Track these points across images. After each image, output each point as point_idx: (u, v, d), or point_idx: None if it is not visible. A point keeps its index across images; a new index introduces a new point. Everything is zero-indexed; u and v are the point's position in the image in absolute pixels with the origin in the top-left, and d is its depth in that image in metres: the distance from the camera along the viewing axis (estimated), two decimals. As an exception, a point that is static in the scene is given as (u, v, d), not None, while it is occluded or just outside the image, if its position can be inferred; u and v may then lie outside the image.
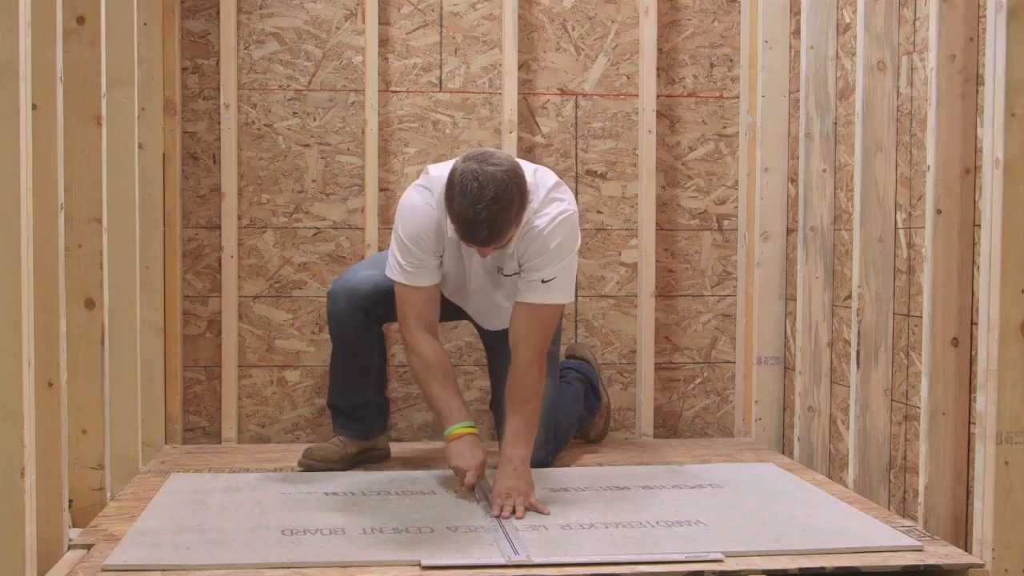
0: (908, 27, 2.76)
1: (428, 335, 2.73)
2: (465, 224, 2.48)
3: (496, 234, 2.49)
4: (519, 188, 2.50)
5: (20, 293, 1.88)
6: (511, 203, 2.48)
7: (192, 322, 3.44)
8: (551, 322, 2.69)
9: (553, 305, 2.68)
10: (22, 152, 1.88)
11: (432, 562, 2.13)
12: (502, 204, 2.45)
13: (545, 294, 2.65)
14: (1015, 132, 2.12)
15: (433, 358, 2.71)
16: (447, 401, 2.70)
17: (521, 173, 2.54)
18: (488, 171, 2.46)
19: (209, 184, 3.42)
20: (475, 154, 2.54)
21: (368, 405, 3.04)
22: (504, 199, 2.46)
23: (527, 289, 2.66)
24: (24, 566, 1.89)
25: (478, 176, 2.45)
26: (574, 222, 2.68)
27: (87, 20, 2.45)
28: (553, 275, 2.64)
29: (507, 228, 2.51)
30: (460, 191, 2.46)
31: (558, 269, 2.64)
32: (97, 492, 2.56)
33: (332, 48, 3.45)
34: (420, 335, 2.72)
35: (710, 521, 2.45)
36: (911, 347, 2.73)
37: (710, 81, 3.58)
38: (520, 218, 2.55)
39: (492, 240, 2.51)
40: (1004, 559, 2.17)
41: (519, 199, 2.50)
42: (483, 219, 2.45)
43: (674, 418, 3.62)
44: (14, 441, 1.88)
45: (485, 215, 2.44)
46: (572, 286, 2.73)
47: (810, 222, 3.16)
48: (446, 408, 2.70)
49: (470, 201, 2.44)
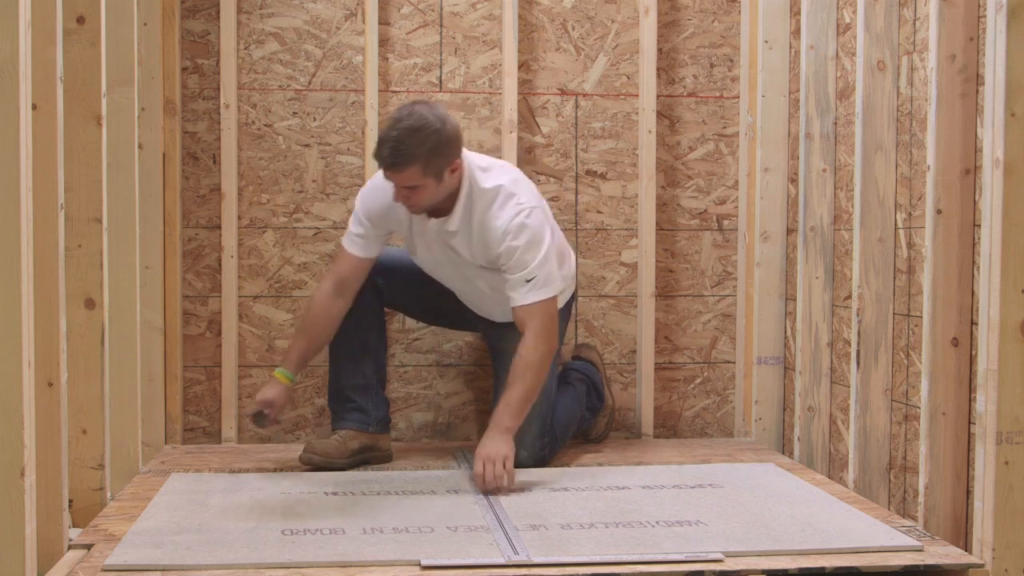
0: (908, 27, 2.76)
1: (331, 288, 2.96)
2: (378, 142, 2.71)
3: (397, 158, 2.65)
4: (439, 135, 2.68)
5: (20, 293, 1.88)
6: (423, 140, 2.65)
7: (192, 322, 3.44)
8: (551, 312, 2.80)
9: (545, 300, 2.78)
10: (22, 152, 1.88)
11: (432, 562, 2.13)
12: (413, 134, 2.65)
13: (533, 293, 2.77)
14: (1015, 132, 2.12)
15: (315, 307, 2.98)
16: (290, 346, 3.04)
17: (451, 128, 2.71)
18: (420, 109, 2.70)
19: (209, 184, 3.42)
20: (427, 101, 2.83)
21: (368, 389, 3.06)
22: (419, 132, 2.65)
23: (517, 292, 2.78)
24: (24, 566, 1.89)
25: (411, 108, 2.71)
26: (536, 218, 2.79)
27: (87, 20, 2.45)
28: (533, 274, 2.76)
29: (410, 159, 2.65)
30: (390, 116, 2.74)
31: (535, 266, 2.76)
32: (97, 492, 2.56)
33: (332, 48, 3.45)
34: (325, 284, 2.98)
35: (710, 521, 2.45)
36: (911, 347, 2.73)
37: (710, 81, 3.58)
38: (431, 165, 2.68)
39: (393, 162, 2.67)
40: (1004, 559, 2.17)
41: (434, 142, 2.67)
42: (391, 137, 2.66)
43: (674, 418, 3.62)
44: (14, 441, 1.88)
45: (394, 135, 2.66)
46: (555, 275, 2.82)
47: (810, 222, 3.16)
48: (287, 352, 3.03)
49: (390, 122, 2.70)
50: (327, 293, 2.97)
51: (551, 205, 3.52)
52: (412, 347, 3.51)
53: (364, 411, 3.05)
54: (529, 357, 2.76)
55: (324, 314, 2.98)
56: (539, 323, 2.77)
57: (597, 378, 3.35)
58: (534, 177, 3.52)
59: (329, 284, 2.97)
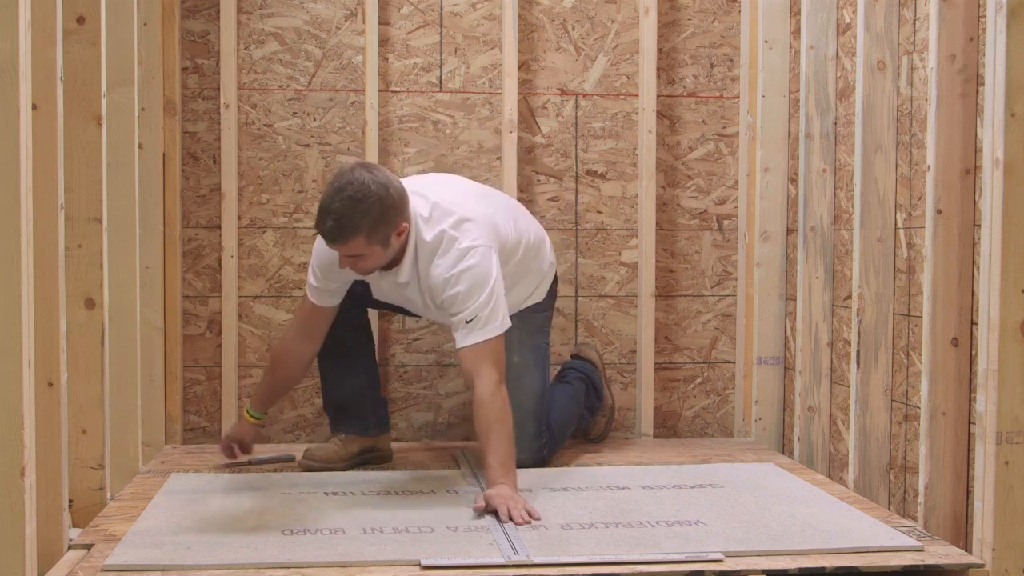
0: (908, 27, 2.76)
1: (296, 335, 2.93)
2: (319, 212, 2.58)
3: (341, 231, 2.55)
4: (382, 203, 2.56)
5: (20, 293, 1.88)
6: (366, 211, 2.54)
7: (192, 322, 3.44)
8: (496, 352, 2.64)
9: (488, 340, 2.63)
10: (22, 152, 1.88)
11: (432, 562, 2.13)
12: (355, 206, 2.53)
13: (476, 333, 2.63)
14: (1015, 132, 2.12)
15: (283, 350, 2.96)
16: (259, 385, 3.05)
17: (394, 194, 2.59)
18: (360, 176, 2.56)
19: (209, 184, 3.42)
20: (368, 164, 2.65)
21: (362, 396, 3.05)
22: (361, 203, 2.53)
23: (457, 333, 2.66)
24: (24, 566, 1.89)
25: (350, 176, 2.57)
26: (477, 257, 2.65)
27: (87, 20, 2.45)
28: (474, 315, 2.63)
29: (354, 231, 2.55)
30: (329, 183, 2.61)
31: (477, 308, 2.63)
32: (97, 492, 2.56)
33: (332, 48, 3.45)
34: (291, 330, 2.96)
35: (710, 521, 2.45)
36: (911, 347, 2.73)
37: (710, 81, 3.58)
38: (375, 234, 2.58)
39: (337, 235, 2.56)
40: (1004, 559, 2.17)
41: (377, 212, 2.55)
42: (332, 209, 2.54)
43: (674, 418, 3.62)
44: (14, 441, 1.88)
45: (336, 206, 2.54)
46: (500, 313, 2.66)
47: (810, 222, 3.16)
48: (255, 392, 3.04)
49: (330, 192, 2.57)
50: (294, 338, 2.94)
51: (551, 205, 3.53)
52: (412, 347, 3.51)
53: (361, 417, 3.06)
54: (491, 407, 2.58)
55: (292, 359, 2.96)
56: (486, 367, 2.61)
57: (596, 377, 3.34)
58: (534, 177, 3.52)
59: (295, 331, 2.95)
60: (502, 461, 2.56)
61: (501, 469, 2.55)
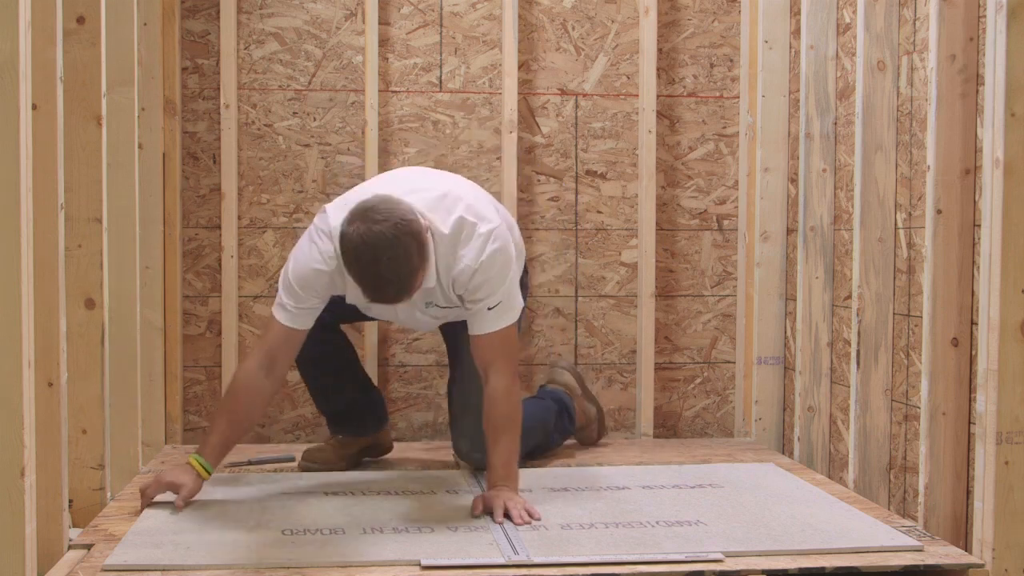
0: (908, 27, 2.76)
1: (258, 366, 2.60)
2: (372, 289, 2.39)
3: (404, 290, 2.40)
4: (413, 236, 2.38)
5: (20, 293, 1.88)
6: (409, 256, 2.37)
7: (192, 322, 3.44)
8: (511, 341, 2.60)
9: (508, 327, 2.58)
10: (22, 152, 1.88)
11: (432, 562, 2.13)
12: (400, 261, 2.35)
13: (496, 320, 2.56)
14: (1015, 132, 2.12)
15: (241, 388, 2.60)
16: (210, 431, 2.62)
17: (409, 219, 2.39)
18: (375, 231, 2.34)
19: (209, 184, 3.42)
20: (358, 213, 2.39)
21: (354, 405, 3.04)
22: (401, 256, 2.35)
23: (477, 321, 2.57)
24: (24, 566, 1.89)
25: (367, 239, 2.34)
26: (502, 244, 2.57)
27: (87, 20, 2.44)
28: (498, 300, 2.56)
29: (413, 280, 2.41)
30: (355, 259, 2.36)
31: (501, 294, 2.56)
32: (97, 492, 2.56)
33: (332, 48, 3.45)
34: (251, 362, 2.62)
35: (710, 521, 2.45)
36: (911, 347, 2.73)
37: (710, 81, 3.58)
38: (425, 262, 2.44)
39: (402, 296, 2.43)
40: (1004, 559, 2.17)
41: (417, 247, 2.39)
42: (386, 280, 2.36)
43: (674, 418, 3.62)
44: (14, 441, 1.88)
45: (387, 276, 2.36)
46: (517, 299, 2.62)
47: (810, 222, 3.16)
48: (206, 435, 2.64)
49: (368, 268, 2.35)
50: (254, 372, 2.59)
51: (551, 205, 3.53)
52: (412, 347, 3.51)
53: (357, 421, 3.04)
54: (504, 405, 2.53)
55: (250, 398, 2.60)
56: (502, 360, 2.55)
57: (570, 403, 3.25)
58: (534, 177, 3.52)
59: (256, 361, 2.60)
60: (505, 462, 2.53)
61: (503, 470, 2.52)
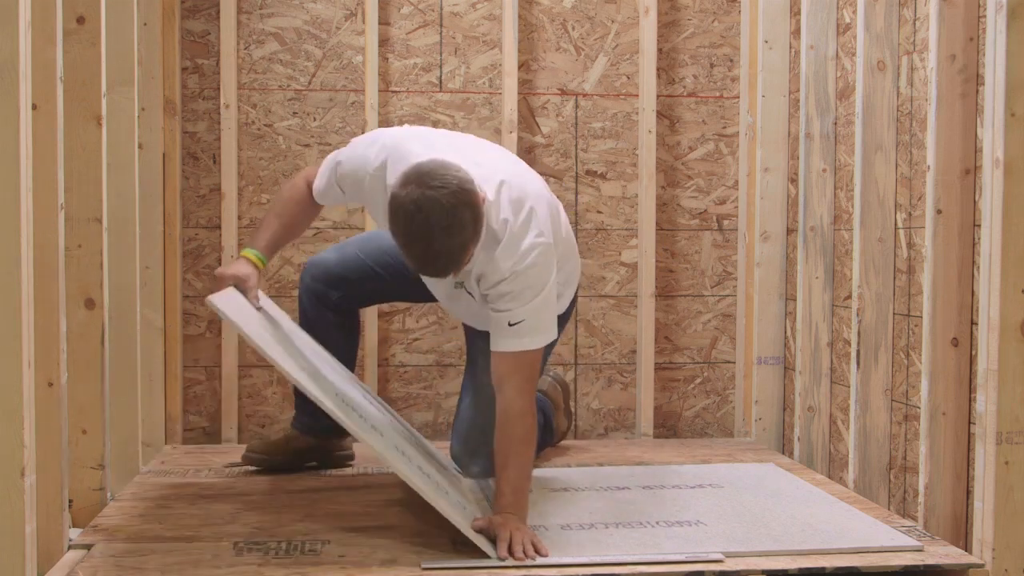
0: (908, 27, 2.76)
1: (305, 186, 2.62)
2: (418, 260, 2.22)
3: (454, 264, 2.24)
4: (470, 207, 2.20)
5: (20, 293, 1.88)
6: (463, 228, 2.19)
7: (192, 322, 3.44)
8: (533, 367, 2.36)
9: (528, 351, 2.34)
10: (22, 152, 1.88)
11: (432, 563, 2.13)
12: (453, 232, 2.17)
13: (515, 340, 2.33)
14: (1015, 132, 2.12)
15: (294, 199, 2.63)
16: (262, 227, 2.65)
17: (468, 188, 2.21)
18: (430, 196, 2.15)
19: (209, 184, 3.42)
20: (414, 175, 2.20)
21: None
22: (455, 227, 2.17)
23: (497, 334, 2.36)
24: (24, 566, 1.89)
25: (422, 206, 2.15)
26: (539, 260, 2.34)
27: (87, 20, 2.44)
28: (521, 318, 2.33)
29: (464, 254, 2.23)
30: (405, 224, 2.18)
31: (526, 312, 2.33)
32: (97, 492, 2.56)
33: (332, 48, 3.45)
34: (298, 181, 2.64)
35: (710, 521, 2.45)
36: (911, 347, 2.73)
37: (710, 81, 3.58)
38: (478, 236, 2.25)
39: (451, 271, 2.26)
40: (1004, 559, 2.17)
41: (472, 220, 2.20)
42: (436, 253, 2.19)
43: (674, 418, 3.62)
44: (14, 441, 1.88)
45: (438, 248, 2.18)
46: (549, 325, 2.39)
47: (810, 222, 3.16)
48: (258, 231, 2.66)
49: (419, 237, 2.18)
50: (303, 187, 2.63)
51: (551, 205, 3.52)
52: (412, 347, 3.51)
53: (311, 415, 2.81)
54: (516, 427, 2.31)
55: (301, 207, 2.64)
56: (518, 380, 2.33)
57: (551, 415, 3.16)
58: (534, 177, 3.52)
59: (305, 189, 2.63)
60: (516, 488, 2.30)
61: (512, 497, 2.29)
